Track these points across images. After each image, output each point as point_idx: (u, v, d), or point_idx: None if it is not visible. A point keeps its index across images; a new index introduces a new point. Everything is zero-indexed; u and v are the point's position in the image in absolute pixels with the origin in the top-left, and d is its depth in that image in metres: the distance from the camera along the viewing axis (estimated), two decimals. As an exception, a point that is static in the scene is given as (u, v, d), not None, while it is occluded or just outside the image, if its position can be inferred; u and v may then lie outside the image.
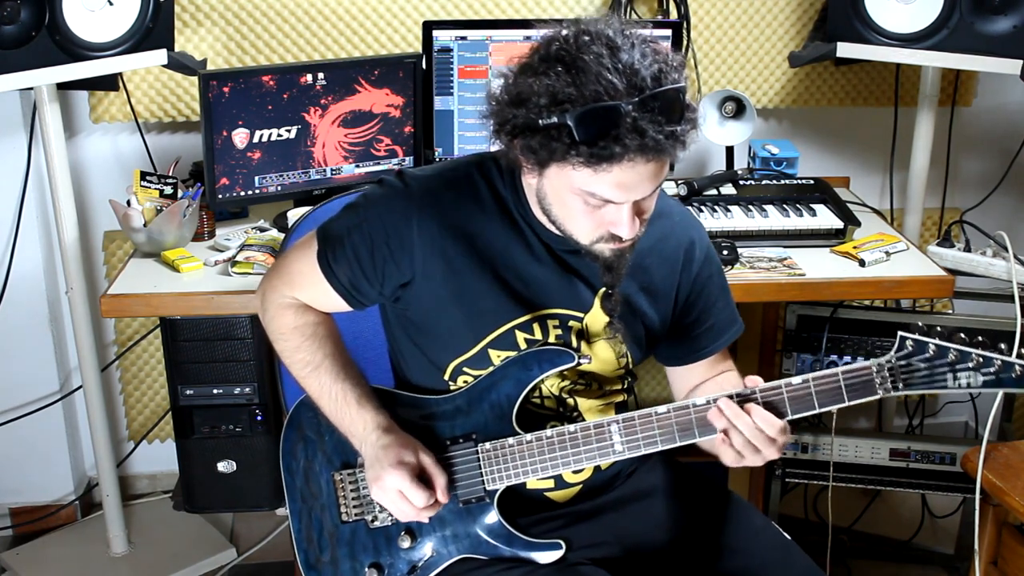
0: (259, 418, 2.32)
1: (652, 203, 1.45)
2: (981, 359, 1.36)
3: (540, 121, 1.33)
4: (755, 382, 1.48)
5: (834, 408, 1.45)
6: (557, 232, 1.51)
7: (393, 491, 1.50)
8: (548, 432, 1.54)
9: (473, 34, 2.47)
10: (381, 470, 1.51)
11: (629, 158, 1.31)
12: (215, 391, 2.30)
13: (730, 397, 1.47)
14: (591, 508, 1.65)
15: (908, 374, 1.42)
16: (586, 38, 1.34)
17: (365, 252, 1.53)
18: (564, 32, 1.37)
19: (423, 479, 1.51)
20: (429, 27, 2.46)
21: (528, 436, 1.55)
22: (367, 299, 1.59)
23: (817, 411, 1.45)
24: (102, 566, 2.68)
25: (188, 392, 2.29)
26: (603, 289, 1.57)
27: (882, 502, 2.92)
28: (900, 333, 1.41)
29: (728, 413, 1.45)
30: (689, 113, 1.35)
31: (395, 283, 1.54)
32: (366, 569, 1.60)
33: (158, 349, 2.78)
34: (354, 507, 1.62)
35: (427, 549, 1.59)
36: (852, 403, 1.44)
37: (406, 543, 1.59)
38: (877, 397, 1.43)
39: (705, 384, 1.72)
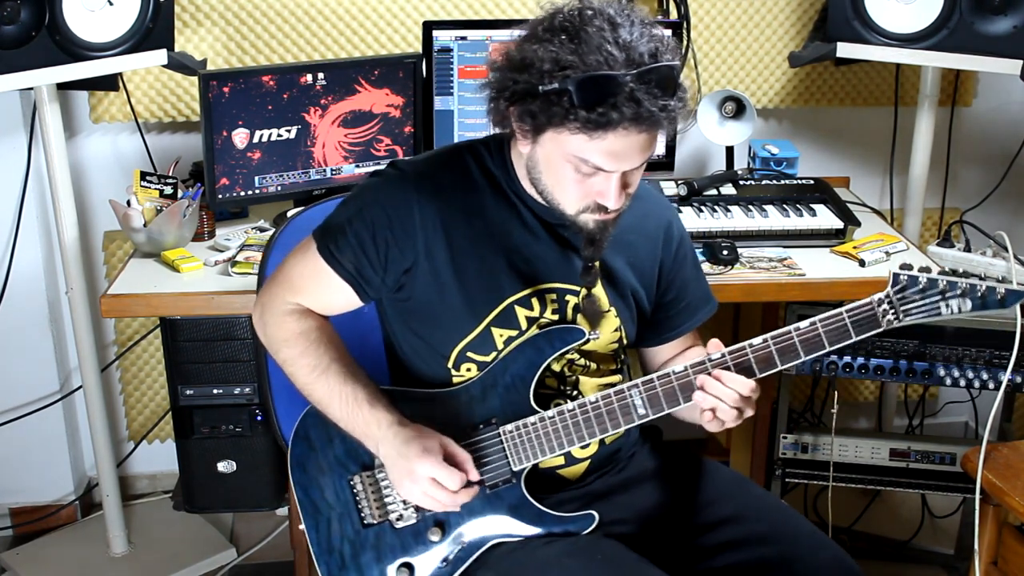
0: (259, 418, 2.32)
1: (638, 177, 1.51)
2: (968, 286, 1.46)
3: (541, 86, 1.39)
4: (719, 346, 1.54)
5: (842, 345, 1.50)
6: (546, 204, 1.56)
7: (425, 480, 1.49)
8: (569, 405, 1.56)
9: (473, 34, 2.47)
10: (408, 463, 1.50)
11: (624, 127, 1.38)
12: (215, 391, 2.30)
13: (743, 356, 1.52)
14: (603, 488, 1.68)
15: (905, 305, 1.48)
16: (589, 12, 1.42)
17: (368, 238, 1.55)
18: (567, 6, 1.44)
19: (449, 463, 1.52)
20: (429, 27, 2.46)
21: (549, 412, 1.57)
22: (372, 288, 1.59)
23: (827, 350, 1.50)
24: (102, 566, 2.68)
25: (188, 392, 2.29)
26: (598, 263, 1.63)
27: (882, 502, 2.91)
28: (892, 270, 1.49)
29: (713, 390, 1.50)
30: (680, 92, 1.42)
31: (398, 269, 1.56)
32: (395, 570, 1.59)
33: (158, 349, 2.78)
34: (377, 509, 1.61)
35: (458, 540, 1.59)
36: (858, 339, 1.50)
37: (436, 536, 1.58)
38: (880, 330, 1.49)
39: (673, 361, 1.77)
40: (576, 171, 1.45)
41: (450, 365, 1.61)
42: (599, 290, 1.64)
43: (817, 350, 1.50)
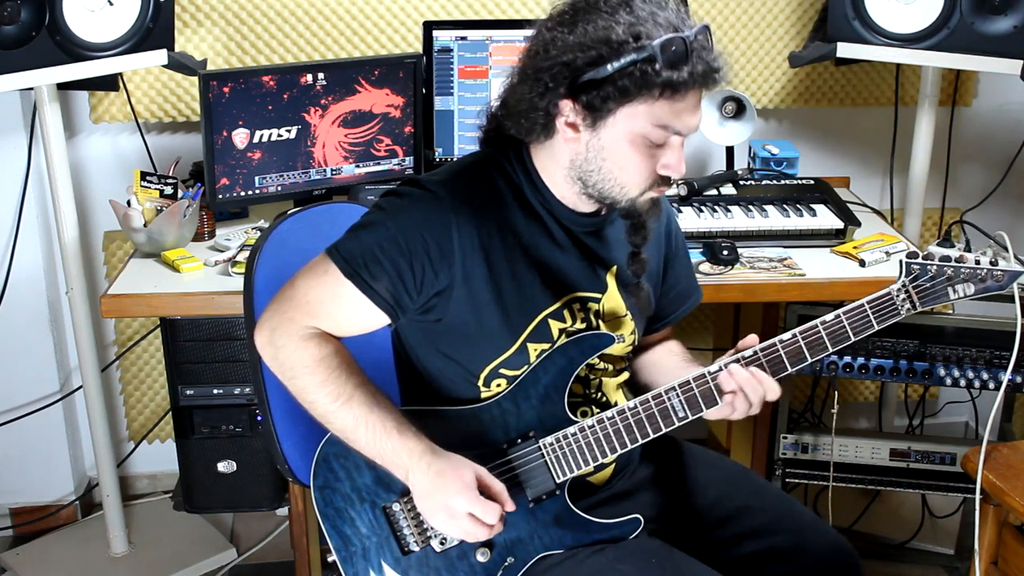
0: (259, 418, 2.31)
1: None
2: (969, 270, 1.54)
3: (614, 63, 1.40)
4: (753, 341, 1.56)
5: (863, 336, 1.55)
6: (578, 209, 1.56)
7: (463, 515, 1.46)
8: (608, 413, 1.55)
9: (473, 34, 2.47)
10: (445, 497, 1.46)
11: (697, 85, 1.43)
12: (215, 391, 2.30)
13: (764, 351, 1.55)
14: (628, 487, 1.68)
15: (919, 293, 1.54)
16: None
17: (405, 264, 1.49)
18: None
19: (483, 494, 1.49)
20: (429, 27, 2.46)
21: (589, 421, 1.55)
22: (405, 314, 1.54)
23: (852, 341, 1.54)
24: (102, 566, 2.68)
25: (188, 392, 2.29)
26: (614, 267, 1.62)
27: (882, 502, 2.91)
28: (903, 260, 1.55)
29: (739, 379, 1.53)
30: None
31: (430, 292, 1.52)
32: None
33: (158, 349, 2.78)
34: (418, 535, 1.57)
35: (505, 557, 1.56)
36: (879, 328, 1.55)
37: (484, 557, 1.55)
38: (900, 318, 1.54)
39: (653, 350, 1.80)
40: (647, 146, 1.45)
41: (480, 383, 1.58)
42: (615, 296, 1.63)
43: (843, 341, 1.54)
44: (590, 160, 1.48)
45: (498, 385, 1.58)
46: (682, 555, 1.57)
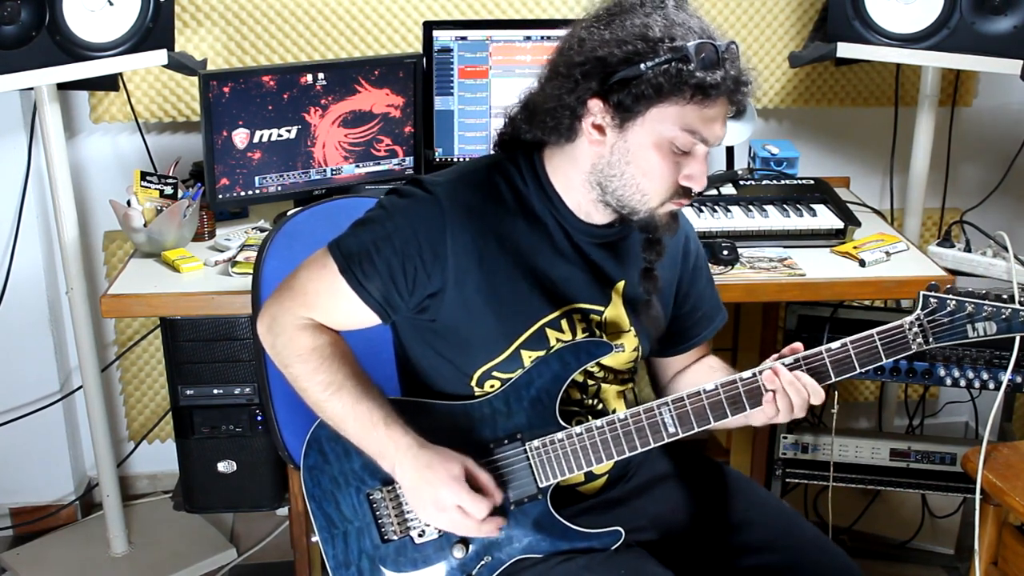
0: (259, 418, 2.32)
1: None
2: (993, 308, 1.46)
3: (648, 63, 1.40)
4: (797, 349, 1.54)
5: (872, 367, 1.51)
6: (591, 220, 1.55)
7: (453, 508, 1.47)
8: (598, 422, 1.54)
9: (473, 34, 2.47)
10: (434, 490, 1.48)
11: (727, 94, 1.43)
12: (215, 391, 2.30)
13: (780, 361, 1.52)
14: (620, 495, 1.67)
15: (935, 329, 1.48)
16: None
17: (397, 265, 1.50)
18: None
19: (472, 487, 1.49)
20: (429, 27, 2.46)
21: (577, 429, 1.55)
22: (397, 313, 1.55)
23: (858, 372, 1.50)
24: (102, 566, 2.68)
25: (188, 392, 2.29)
26: (622, 282, 1.61)
27: (882, 502, 2.92)
28: (922, 292, 1.49)
29: (783, 379, 1.50)
30: None
31: (423, 294, 1.52)
32: None
33: (158, 349, 2.78)
34: (398, 524, 1.58)
35: (482, 556, 1.56)
36: (888, 361, 1.50)
37: (460, 553, 1.56)
38: (911, 352, 1.50)
39: (692, 368, 1.78)
40: (672, 152, 1.45)
41: (473, 383, 1.58)
42: (619, 309, 1.62)
43: (848, 372, 1.50)
44: (613, 164, 1.47)
45: (491, 386, 1.58)
46: (656, 567, 1.55)
